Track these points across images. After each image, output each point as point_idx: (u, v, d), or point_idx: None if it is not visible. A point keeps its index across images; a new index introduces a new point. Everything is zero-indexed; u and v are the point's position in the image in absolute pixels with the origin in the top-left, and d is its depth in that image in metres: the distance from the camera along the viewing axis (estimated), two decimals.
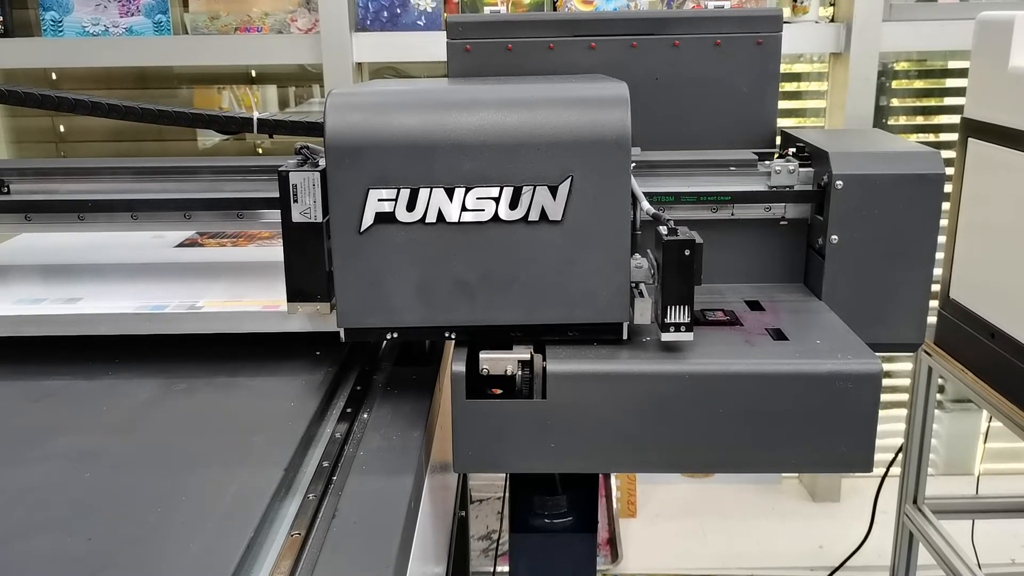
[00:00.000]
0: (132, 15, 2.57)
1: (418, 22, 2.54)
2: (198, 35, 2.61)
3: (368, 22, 2.55)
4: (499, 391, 1.09)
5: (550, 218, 1.06)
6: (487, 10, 1.48)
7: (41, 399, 1.18)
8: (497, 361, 1.08)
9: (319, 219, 1.11)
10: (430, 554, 1.16)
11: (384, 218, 1.06)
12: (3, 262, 1.55)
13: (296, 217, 1.11)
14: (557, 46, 1.40)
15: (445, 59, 1.41)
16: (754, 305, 1.26)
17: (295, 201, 1.11)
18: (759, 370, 1.06)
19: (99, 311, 1.26)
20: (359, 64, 2.58)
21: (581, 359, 1.08)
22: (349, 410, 1.18)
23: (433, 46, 2.49)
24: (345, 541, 0.88)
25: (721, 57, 1.40)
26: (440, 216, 1.06)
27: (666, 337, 1.07)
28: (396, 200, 1.06)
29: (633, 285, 1.11)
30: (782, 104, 2.89)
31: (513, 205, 1.06)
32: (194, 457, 1.03)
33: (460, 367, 1.08)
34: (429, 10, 2.53)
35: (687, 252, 1.04)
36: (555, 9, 2.54)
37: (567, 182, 1.05)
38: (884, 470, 2.21)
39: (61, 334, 1.25)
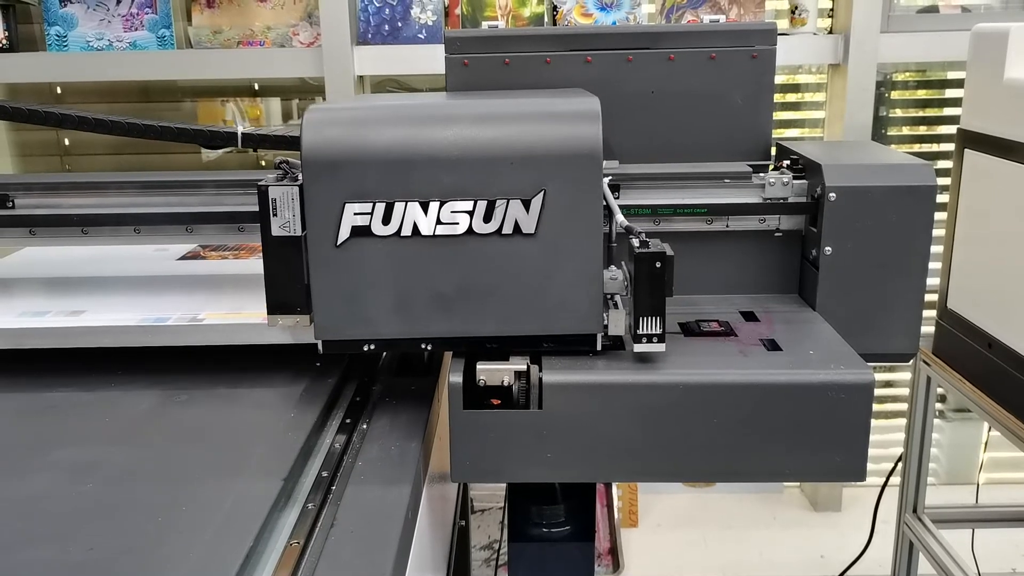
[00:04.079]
0: (136, 30, 2.60)
1: (419, 35, 2.56)
2: (201, 49, 2.64)
3: (369, 35, 2.57)
4: (497, 401, 1.10)
5: (523, 231, 1.08)
6: (486, 24, 1.50)
7: (44, 410, 1.20)
8: (494, 372, 1.09)
9: (298, 233, 1.12)
10: (428, 563, 1.17)
11: (360, 231, 1.08)
12: (7, 275, 1.56)
13: (275, 231, 1.12)
14: (554, 60, 1.42)
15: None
16: (749, 316, 1.27)
17: (274, 215, 1.12)
18: (753, 380, 1.07)
19: (102, 323, 1.27)
20: (360, 77, 2.60)
21: (577, 370, 1.09)
22: (348, 421, 1.19)
23: (434, 59, 2.50)
24: (343, 550, 0.89)
25: (716, 70, 1.41)
26: (415, 229, 1.08)
27: (638, 348, 1.08)
28: (372, 214, 1.07)
29: (608, 296, 1.13)
30: (782, 115, 2.93)
31: (487, 218, 1.07)
32: (194, 467, 1.04)
33: (457, 378, 1.09)
34: (430, 23, 2.55)
35: (658, 264, 1.05)
36: (555, 22, 2.56)
37: (540, 196, 1.07)
38: (884, 479, 2.21)
39: (64, 346, 1.27)
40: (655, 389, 1.08)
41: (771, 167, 1.38)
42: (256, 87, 2.92)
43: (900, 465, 2.13)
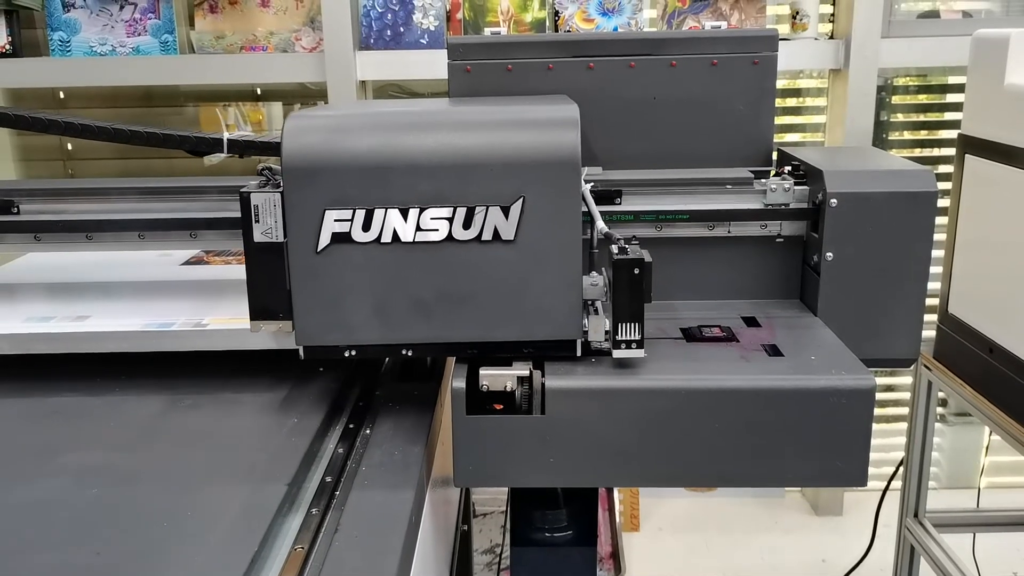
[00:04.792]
0: (139, 35, 2.61)
1: (421, 40, 2.57)
2: (204, 54, 2.65)
3: (371, 40, 2.58)
4: (500, 406, 1.11)
5: (503, 237, 1.08)
6: (488, 30, 1.51)
7: (49, 415, 1.20)
8: (497, 377, 1.10)
9: (280, 239, 1.12)
10: (431, 567, 1.17)
11: (340, 238, 1.09)
12: (12, 281, 1.57)
13: (258, 237, 1.13)
14: (556, 67, 1.42)
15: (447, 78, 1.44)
16: (750, 321, 1.28)
17: (256, 221, 1.13)
18: (754, 386, 1.08)
19: (106, 329, 1.28)
20: (363, 82, 2.61)
21: (579, 375, 1.10)
22: (352, 426, 1.19)
23: (436, 64, 2.51)
24: (347, 555, 0.90)
25: (718, 77, 1.42)
26: (395, 236, 1.08)
27: (617, 354, 1.09)
28: (352, 220, 1.08)
29: (589, 302, 1.13)
30: (783, 119, 2.93)
31: (466, 225, 1.08)
32: (199, 472, 1.05)
33: (460, 383, 1.09)
34: (432, 29, 2.56)
35: (636, 271, 1.05)
36: (557, 27, 2.57)
37: (519, 202, 1.07)
38: (885, 484, 2.21)
39: (69, 351, 1.27)
40: (657, 394, 1.08)
41: (772, 173, 1.39)
42: (258, 92, 2.93)
43: (901, 469, 2.13)
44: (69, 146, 2.96)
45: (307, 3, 2.64)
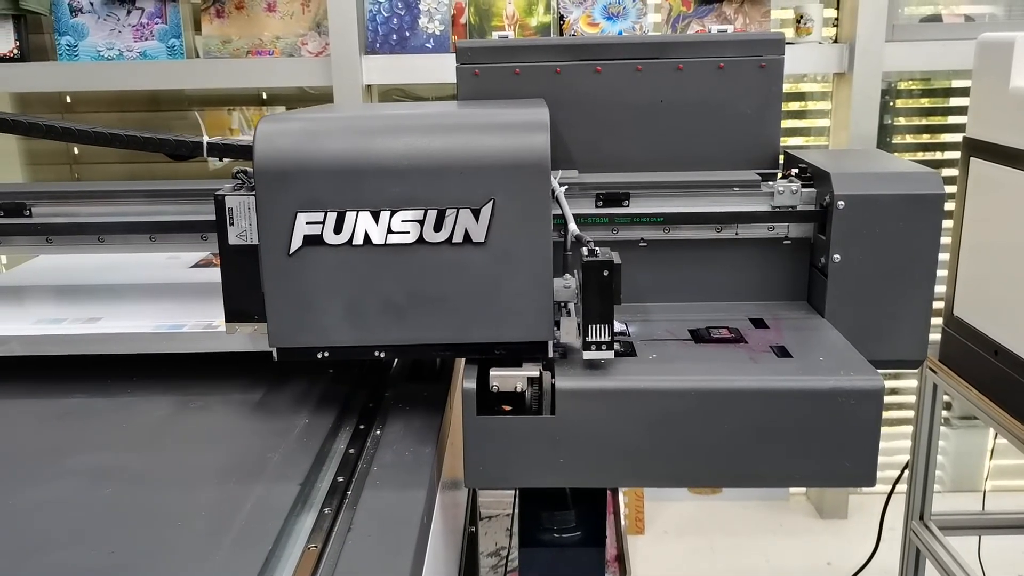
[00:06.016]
0: (146, 40, 2.62)
1: (426, 45, 2.58)
2: (210, 59, 2.66)
3: (377, 45, 2.59)
4: (509, 407, 1.11)
5: (473, 240, 1.09)
6: (495, 34, 1.51)
7: (61, 417, 1.21)
8: (507, 378, 1.11)
9: (255, 241, 1.13)
10: (441, 569, 1.18)
11: (312, 240, 1.09)
12: (23, 283, 1.58)
13: (232, 240, 1.14)
14: (564, 70, 1.43)
15: (453, 81, 1.45)
16: (758, 323, 1.29)
17: (231, 224, 1.13)
18: (763, 387, 1.08)
19: (117, 331, 1.29)
20: (368, 86, 2.62)
21: (589, 376, 1.10)
22: (362, 426, 1.20)
23: (441, 68, 2.53)
24: (360, 554, 0.90)
25: (724, 80, 1.42)
26: (367, 238, 1.09)
27: (587, 355, 1.09)
28: (324, 223, 1.08)
29: (561, 304, 1.14)
30: (788, 123, 2.94)
31: (437, 227, 1.08)
32: (212, 473, 1.05)
33: (471, 384, 1.10)
34: (437, 33, 2.57)
35: (606, 273, 1.06)
36: (562, 31, 2.58)
37: (489, 205, 1.08)
38: (891, 486, 2.21)
39: (80, 353, 1.28)
40: (667, 395, 1.09)
41: (779, 175, 1.40)
42: (264, 96, 2.94)
43: (907, 472, 2.13)
44: (76, 150, 2.97)
45: (313, 7, 2.65)
